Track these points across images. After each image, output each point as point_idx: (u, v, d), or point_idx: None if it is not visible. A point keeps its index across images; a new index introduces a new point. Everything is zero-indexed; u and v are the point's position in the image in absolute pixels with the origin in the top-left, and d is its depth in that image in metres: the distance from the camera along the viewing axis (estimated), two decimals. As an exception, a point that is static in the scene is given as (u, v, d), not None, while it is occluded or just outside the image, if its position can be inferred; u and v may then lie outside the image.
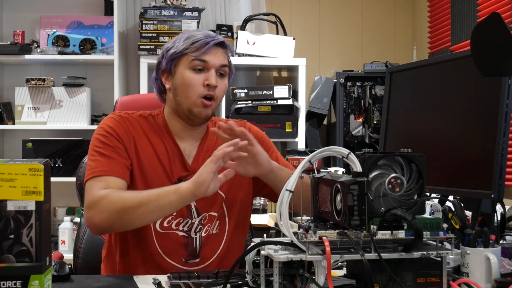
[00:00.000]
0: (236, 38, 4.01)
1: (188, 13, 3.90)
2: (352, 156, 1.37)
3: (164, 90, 1.97)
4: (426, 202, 1.63)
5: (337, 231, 1.36)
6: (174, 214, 1.89)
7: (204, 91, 1.89)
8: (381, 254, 1.33)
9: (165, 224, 1.90)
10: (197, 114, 1.91)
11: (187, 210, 1.91)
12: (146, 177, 1.90)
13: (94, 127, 3.29)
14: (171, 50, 1.91)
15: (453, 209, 1.66)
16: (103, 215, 1.75)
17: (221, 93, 1.94)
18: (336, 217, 1.37)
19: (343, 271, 1.55)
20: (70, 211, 4.16)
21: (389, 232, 1.35)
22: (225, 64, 1.93)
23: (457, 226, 1.61)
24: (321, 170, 1.51)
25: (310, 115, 4.22)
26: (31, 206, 1.29)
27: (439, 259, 1.39)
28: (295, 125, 3.99)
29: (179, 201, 1.73)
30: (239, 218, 2.00)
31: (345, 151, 1.38)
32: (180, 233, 1.91)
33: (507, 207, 1.89)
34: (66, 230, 3.91)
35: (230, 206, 1.97)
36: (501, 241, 1.76)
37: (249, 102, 3.94)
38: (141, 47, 3.87)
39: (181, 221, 1.91)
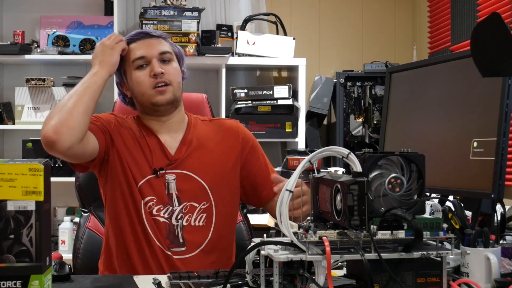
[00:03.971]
0: (236, 38, 4.01)
1: (188, 13, 3.90)
2: (352, 156, 1.37)
3: (130, 100, 2.08)
4: (426, 202, 1.63)
5: (337, 231, 1.36)
6: (155, 200, 1.96)
7: (153, 81, 1.98)
8: (381, 254, 1.33)
9: (147, 209, 1.95)
10: (157, 102, 1.99)
11: (168, 198, 1.97)
12: (128, 166, 1.97)
13: (94, 127, 3.31)
14: None
15: (453, 209, 1.66)
16: (48, 124, 1.81)
17: (173, 77, 2.00)
18: (336, 217, 1.37)
19: (343, 271, 1.54)
20: (70, 211, 4.16)
21: (389, 232, 1.35)
22: (166, 51, 2.01)
23: (457, 226, 1.61)
24: (321, 170, 1.51)
25: (310, 115, 4.22)
26: (31, 206, 1.29)
27: (439, 259, 1.38)
28: (295, 125, 3.99)
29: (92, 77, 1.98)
30: (226, 213, 2.05)
31: (345, 151, 1.38)
32: (162, 219, 1.96)
33: (507, 207, 1.89)
34: (66, 230, 3.91)
35: (218, 202, 2.01)
36: (501, 241, 1.76)
37: (249, 102, 3.94)
38: (141, 47, 3.86)
39: (161, 208, 1.96)
